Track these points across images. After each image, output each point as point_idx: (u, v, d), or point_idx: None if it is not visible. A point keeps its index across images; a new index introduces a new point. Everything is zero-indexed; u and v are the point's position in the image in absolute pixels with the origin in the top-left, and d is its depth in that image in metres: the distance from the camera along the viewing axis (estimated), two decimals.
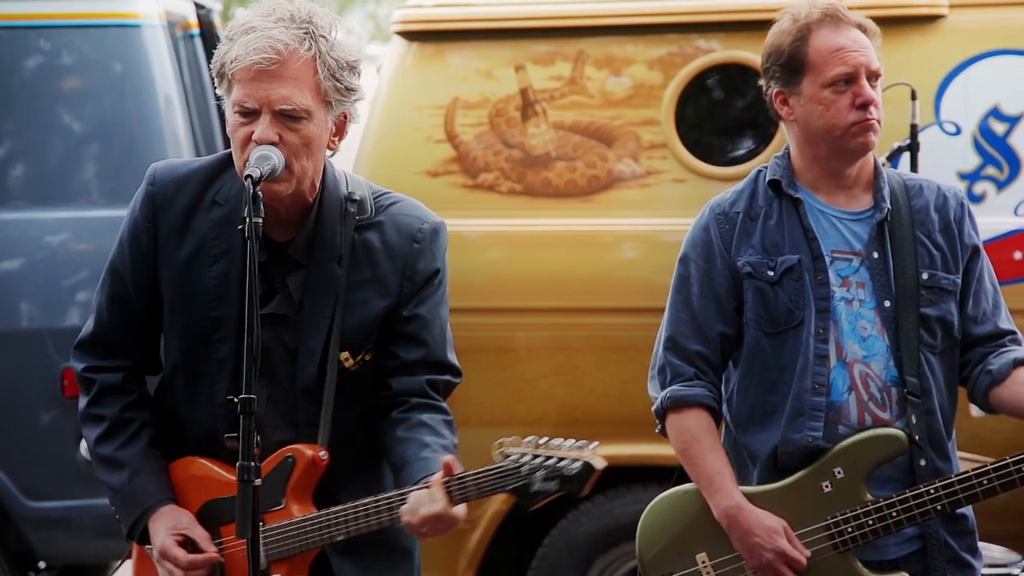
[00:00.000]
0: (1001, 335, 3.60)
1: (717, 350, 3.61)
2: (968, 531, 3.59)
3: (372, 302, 3.34)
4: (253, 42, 3.21)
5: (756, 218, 3.59)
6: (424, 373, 3.36)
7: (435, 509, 3.14)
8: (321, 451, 3.32)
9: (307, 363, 3.32)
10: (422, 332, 3.36)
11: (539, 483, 3.09)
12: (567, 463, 3.08)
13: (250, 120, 3.22)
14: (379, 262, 3.34)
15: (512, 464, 3.12)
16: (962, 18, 5.38)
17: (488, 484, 3.14)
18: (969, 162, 5.35)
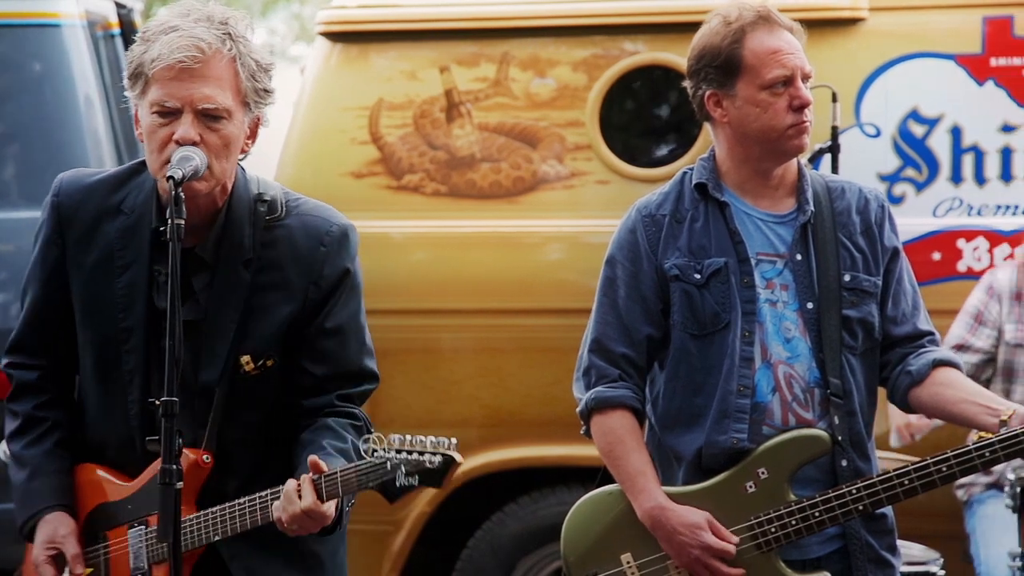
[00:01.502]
0: (920, 336, 3.63)
1: (643, 352, 3.62)
2: (888, 530, 3.62)
3: (278, 307, 3.32)
4: (175, 41, 3.19)
5: (682, 221, 3.61)
6: (336, 388, 3.35)
7: (302, 505, 3.15)
8: (204, 455, 3.31)
9: (208, 366, 3.30)
10: (336, 347, 3.35)
11: (402, 478, 3.14)
12: (428, 458, 3.13)
13: (170, 120, 3.21)
14: (286, 266, 3.32)
15: (378, 460, 3.15)
16: (882, 21, 5.44)
17: (355, 479, 3.16)
18: (889, 164, 5.40)
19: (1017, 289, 5.00)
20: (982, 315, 5.02)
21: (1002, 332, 4.99)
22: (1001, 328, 5.00)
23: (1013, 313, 4.98)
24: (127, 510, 3.37)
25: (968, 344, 4.95)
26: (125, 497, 3.38)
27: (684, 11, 5.35)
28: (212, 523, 3.28)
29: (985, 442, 3.42)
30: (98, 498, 3.41)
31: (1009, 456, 3.41)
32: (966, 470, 3.43)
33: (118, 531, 3.38)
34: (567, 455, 5.43)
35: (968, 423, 3.54)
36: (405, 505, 5.60)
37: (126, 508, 3.38)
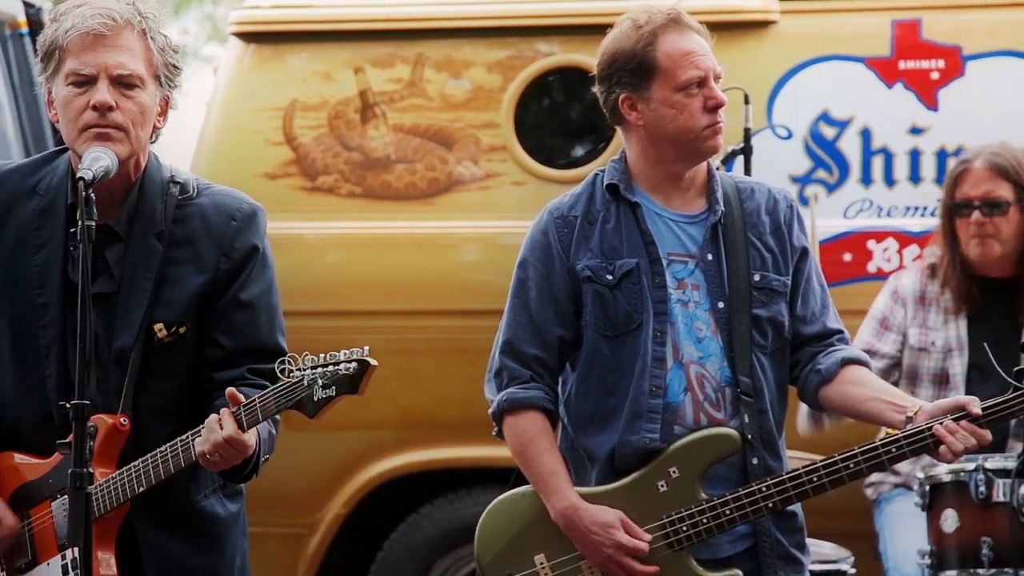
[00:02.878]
0: (830, 334, 3.67)
1: (555, 354, 3.63)
2: (798, 528, 3.65)
3: (189, 277, 3.41)
4: (87, 12, 3.31)
5: (594, 222, 3.62)
6: (247, 363, 3.43)
7: (223, 434, 3.23)
8: (122, 418, 3.38)
9: (124, 334, 3.38)
10: (247, 321, 3.44)
11: (319, 391, 3.21)
12: (343, 367, 3.21)
13: (86, 89, 3.31)
14: (198, 239, 3.42)
15: (293, 380, 3.23)
16: (793, 24, 5.49)
17: (272, 402, 3.24)
18: (800, 165, 5.45)
19: (921, 292, 5.05)
20: (887, 320, 5.07)
21: (907, 336, 5.05)
22: (906, 332, 5.05)
23: (917, 317, 5.04)
24: (48, 484, 3.42)
25: (875, 349, 5.00)
26: (45, 474, 3.42)
27: (599, 13, 5.37)
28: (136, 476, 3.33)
29: (892, 438, 3.46)
30: (16, 482, 3.45)
31: (915, 452, 3.46)
32: (873, 466, 3.48)
33: (41, 506, 3.43)
34: (483, 456, 5.44)
35: (876, 420, 3.59)
36: (320, 507, 5.58)
37: (47, 483, 3.42)
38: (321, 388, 3.22)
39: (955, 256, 4.99)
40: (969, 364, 4.98)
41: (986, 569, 4.46)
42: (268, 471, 3.52)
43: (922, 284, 5.06)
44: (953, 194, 4.99)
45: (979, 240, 4.96)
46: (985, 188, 4.97)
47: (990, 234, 4.95)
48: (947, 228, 5.01)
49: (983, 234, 4.95)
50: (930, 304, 5.03)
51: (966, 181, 4.98)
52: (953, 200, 4.99)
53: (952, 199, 4.99)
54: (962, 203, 4.98)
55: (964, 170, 4.99)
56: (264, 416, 3.25)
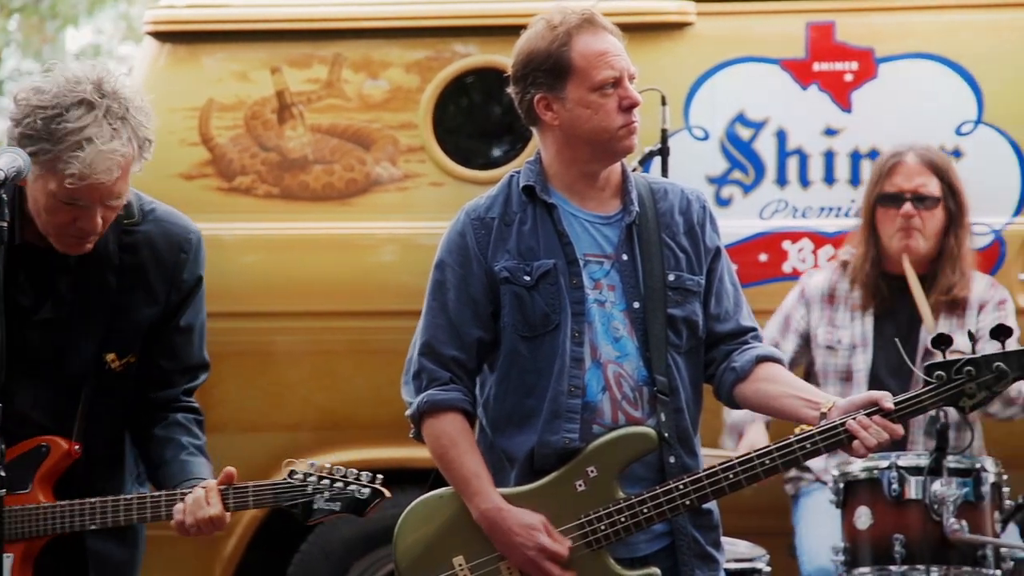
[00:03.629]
0: (744, 332, 3.71)
1: (473, 355, 3.64)
2: (714, 526, 3.68)
3: (140, 308, 3.50)
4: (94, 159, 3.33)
5: (511, 223, 3.63)
6: (183, 382, 3.56)
7: (210, 512, 3.35)
8: (76, 445, 3.47)
9: (74, 363, 3.45)
10: (186, 343, 3.56)
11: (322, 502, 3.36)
12: (357, 488, 3.39)
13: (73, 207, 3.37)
14: (148, 270, 3.50)
15: (298, 482, 3.38)
16: (709, 26, 5.52)
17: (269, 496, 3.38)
18: (717, 166, 5.48)
19: (830, 290, 5.10)
20: (790, 320, 5.12)
21: (812, 337, 5.10)
22: (809, 334, 5.10)
23: (824, 316, 5.08)
24: None
25: (778, 346, 5.05)
26: None
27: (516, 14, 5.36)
28: (91, 512, 3.43)
29: (806, 434, 3.50)
30: None
31: (829, 448, 3.50)
32: (788, 462, 3.51)
33: None
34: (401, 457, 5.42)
35: (790, 417, 3.62)
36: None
37: None
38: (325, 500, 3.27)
39: (871, 251, 5.04)
40: (872, 361, 5.03)
41: (898, 566, 4.51)
42: None
43: (832, 282, 5.11)
44: (883, 185, 5.03)
45: (905, 232, 5.01)
46: (917, 181, 5.03)
47: (917, 227, 5.01)
48: (869, 221, 5.06)
49: (910, 227, 5.01)
50: (839, 302, 5.08)
51: (898, 173, 5.03)
52: (883, 191, 5.03)
53: (882, 190, 5.04)
54: (893, 195, 5.03)
55: (897, 163, 5.04)
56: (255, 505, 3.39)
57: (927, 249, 5.02)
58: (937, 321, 4.98)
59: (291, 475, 3.36)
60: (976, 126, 5.37)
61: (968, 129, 5.36)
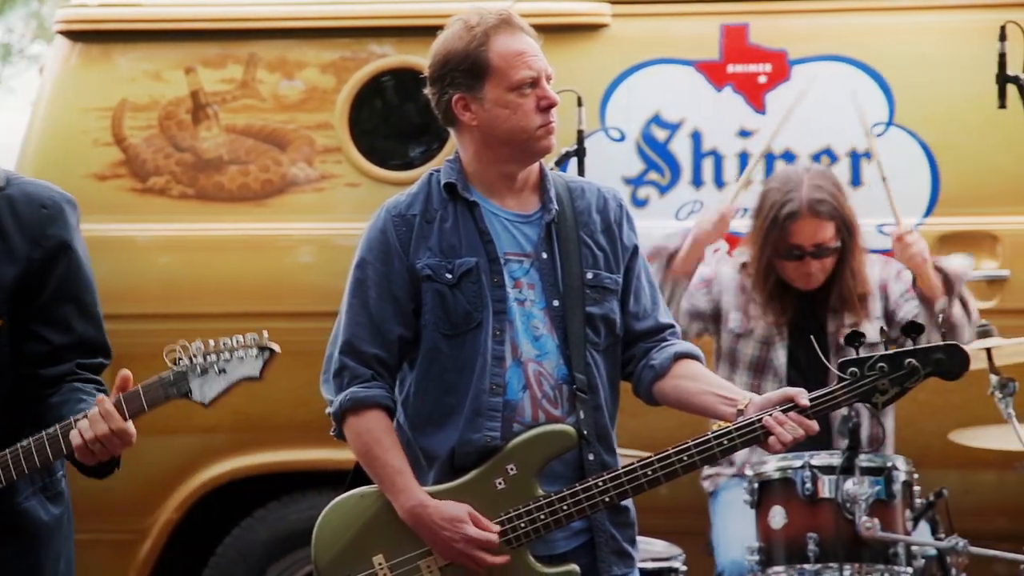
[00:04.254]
0: (662, 330, 3.73)
1: (395, 353, 3.63)
2: (630, 523, 3.70)
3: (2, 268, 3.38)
4: None
5: (432, 221, 3.63)
6: (74, 358, 3.41)
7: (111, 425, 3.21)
8: None
9: None
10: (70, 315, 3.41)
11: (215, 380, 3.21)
12: (243, 353, 3.20)
13: None
14: (9, 232, 3.39)
15: (185, 368, 3.21)
16: (624, 27, 5.54)
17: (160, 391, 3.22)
18: (633, 167, 5.51)
19: (739, 283, 5.13)
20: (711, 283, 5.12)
21: (727, 319, 5.12)
22: (725, 314, 5.12)
23: (739, 302, 5.11)
24: None
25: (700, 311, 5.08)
26: None
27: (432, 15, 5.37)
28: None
29: (723, 431, 3.53)
30: None
31: (746, 444, 3.52)
32: (706, 459, 3.54)
33: None
34: (318, 459, 5.41)
35: (708, 413, 3.65)
36: (151, 513, 5.51)
37: None
38: (217, 377, 3.17)
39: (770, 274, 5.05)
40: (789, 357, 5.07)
41: (812, 564, 4.55)
42: None
43: (741, 278, 5.14)
44: (781, 238, 5.01)
45: (805, 277, 5.03)
46: (816, 239, 5.01)
47: (817, 271, 5.04)
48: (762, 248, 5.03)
49: (811, 271, 5.03)
50: (750, 295, 5.11)
51: (796, 232, 4.98)
52: (779, 246, 5.01)
53: (777, 244, 5.01)
54: (793, 251, 5.03)
55: (794, 221, 5.01)
56: (150, 406, 3.21)
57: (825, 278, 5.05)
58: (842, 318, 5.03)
59: (176, 363, 3.21)
60: (887, 128, 5.43)
61: (879, 131, 5.42)
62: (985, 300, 5.36)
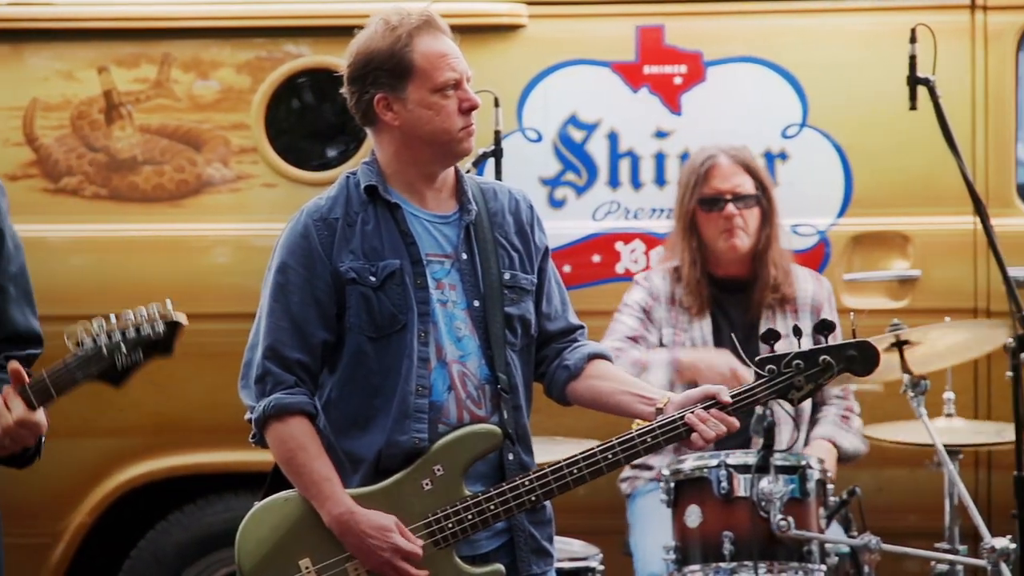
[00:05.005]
0: (573, 330, 3.77)
1: (318, 357, 3.62)
2: (548, 521, 3.72)
3: None
4: None
5: (353, 224, 3.62)
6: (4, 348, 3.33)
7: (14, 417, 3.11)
8: None
9: None
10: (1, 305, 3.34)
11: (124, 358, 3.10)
12: (150, 328, 3.05)
13: None
14: None
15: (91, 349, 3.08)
16: (541, 28, 5.56)
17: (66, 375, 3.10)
18: (550, 168, 5.52)
19: (670, 295, 5.16)
20: (651, 314, 5.15)
21: (660, 335, 5.14)
22: (659, 331, 5.15)
23: (671, 317, 5.14)
24: None
25: (643, 336, 5.10)
26: None
27: (348, 15, 5.36)
28: None
29: (646, 428, 3.55)
30: None
31: (669, 441, 3.55)
32: (630, 456, 3.56)
33: None
34: (233, 461, 5.39)
35: (625, 412, 3.67)
36: (64, 516, 5.46)
37: None
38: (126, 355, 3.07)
39: (696, 255, 5.10)
40: None
41: (727, 562, 4.58)
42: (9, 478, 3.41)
43: (670, 286, 5.17)
44: (701, 189, 5.10)
45: (729, 232, 5.09)
46: (734, 182, 5.11)
47: (740, 226, 5.09)
48: (688, 226, 5.11)
49: (734, 226, 5.09)
50: (679, 305, 5.14)
51: (715, 176, 5.10)
52: (702, 195, 5.10)
53: (701, 194, 5.10)
54: (712, 197, 5.10)
55: (712, 165, 5.11)
56: (58, 391, 3.10)
57: (750, 246, 5.11)
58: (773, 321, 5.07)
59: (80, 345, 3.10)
60: (801, 129, 5.48)
61: (793, 132, 5.47)
62: (897, 300, 5.43)
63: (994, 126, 5.43)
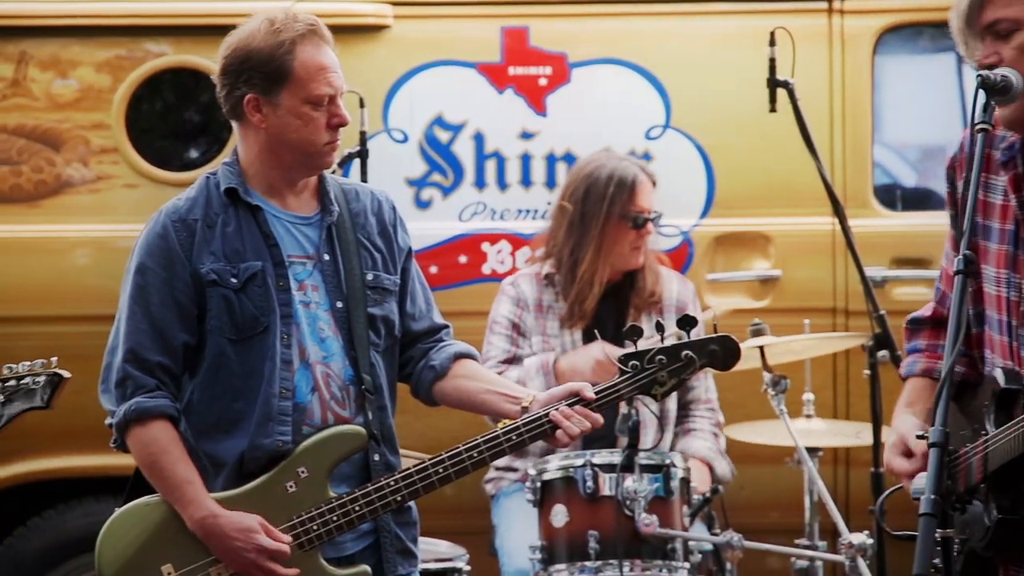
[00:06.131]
0: (438, 330, 3.78)
1: (179, 360, 3.59)
2: (413, 522, 3.73)
3: None
4: None
5: (214, 225, 3.60)
6: None
7: None
8: None
9: None
10: None
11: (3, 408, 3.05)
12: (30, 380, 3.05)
13: None
14: None
15: None
16: (406, 29, 5.55)
17: None
18: (416, 169, 5.52)
19: (537, 301, 5.17)
20: (520, 327, 5.15)
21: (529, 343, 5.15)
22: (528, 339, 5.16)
23: (539, 325, 5.15)
24: None
25: (518, 355, 5.10)
26: None
27: (211, 14, 5.32)
28: None
29: (511, 426, 3.57)
30: None
31: (534, 438, 3.58)
32: (496, 454, 3.58)
33: None
34: (94, 465, 5.31)
35: (491, 411, 3.70)
36: None
37: None
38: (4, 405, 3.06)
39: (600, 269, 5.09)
40: None
41: (593, 562, 4.60)
42: None
43: (538, 293, 5.17)
44: (628, 206, 5.07)
45: (638, 250, 5.10)
46: (652, 200, 5.11)
47: (648, 241, 5.12)
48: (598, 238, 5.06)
49: (644, 244, 5.11)
50: (547, 312, 5.15)
51: (640, 194, 5.08)
52: (627, 212, 5.06)
53: (625, 210, 5.05)
54: (637, 215, 5.09)
55: (640, 183, 5.08)
56: None
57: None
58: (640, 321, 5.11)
59: None
60: (664, 130, 5.53)
61: (657, 133, 5.52)
62: (758, 299, 5.50)
63: (851, 128, 5.52)
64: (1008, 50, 2.82)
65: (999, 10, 2.82)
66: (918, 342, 3.20)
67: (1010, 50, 2.82)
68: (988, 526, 2.90)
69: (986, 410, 2.93)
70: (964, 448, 2.95)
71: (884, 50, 5.56)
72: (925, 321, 3.22)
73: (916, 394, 3.16)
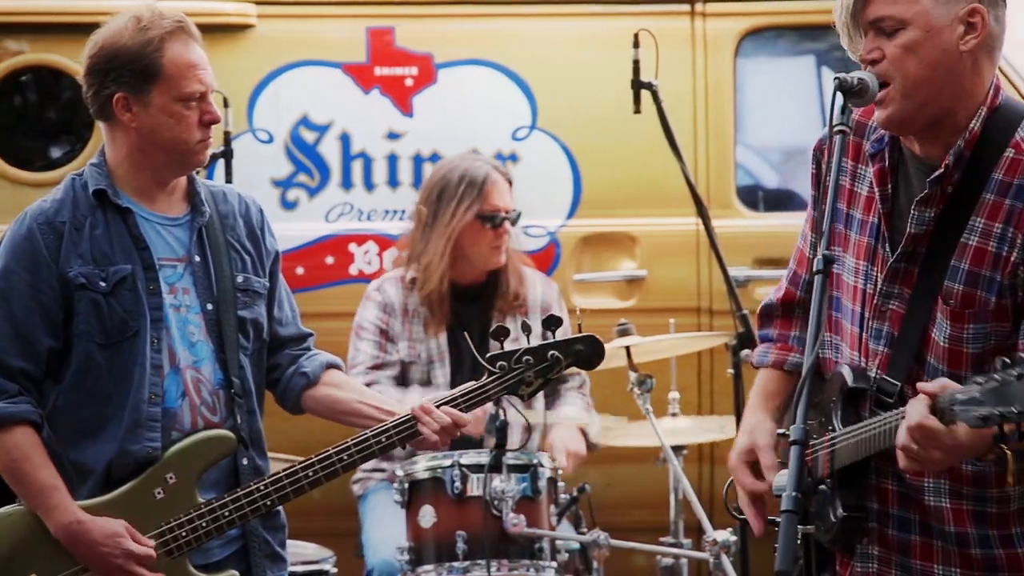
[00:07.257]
0: (304, 337, 3.77)
1: (42, 365, 3.54)
2: (281, 526, 3.71)
3: None
4: None
5: (81, 228, 3.55)
6: None
7: None
8: None
9: None
10: None
11: None
12: None
13: None
14: None
15: None
16: (270, 28, 5.52)
17: None
18: (282, 169, 5.49)
19: (403, 306, 5.16)
20: (388, 332, 5.13)
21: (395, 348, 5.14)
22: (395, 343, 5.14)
23: (405, 330, 5.14)
24: None
25: (385, 362, 5.09)
26: None
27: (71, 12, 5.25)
28: None
29: (380, 428, 3.58)
30: None
31: (403, 440, 3.59)
32: (366, 456, 3.59)
33: None
34: None
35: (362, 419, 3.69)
36: None
37: None
38: None
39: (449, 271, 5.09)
40: (452, 371, 5.13)
41: (461, 562, 4.61)
42: None
43: (404, 296, 5.15)
44: (482, 206, 5.07)
45: (497, 249, 5.11)
46: (507, 199, 5.11)
47: (505, 244, 5.13)
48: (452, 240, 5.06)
49: (503, 243, 5.11)
50: (413, 316, 5.14)
51: (493, 193, 5.08)
52: (482, 211, 5.06)
53: (481, 211, 5.06)
54: (492, 214, 5.09)
55: (492, 183, 5.09)
56: None
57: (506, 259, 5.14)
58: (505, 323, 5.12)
59: None
60: (531, 131, 5.56)
61: (523, 134, 5.55)
62: (624, 300, 5.55)
63: (714, 130, 5.59)
64: (891, 47, 2.85)
65: (885, 7, 2.85)
66: (770, 331, 3.21)
67: (893, 48, 2.85)
68: (834, 522, 2.94)
69: (834, 406, 2.97)
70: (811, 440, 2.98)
71: (746, 53, 5.63)
72: (776, 307, 3.21)
73: (769, 388, 3.17)
